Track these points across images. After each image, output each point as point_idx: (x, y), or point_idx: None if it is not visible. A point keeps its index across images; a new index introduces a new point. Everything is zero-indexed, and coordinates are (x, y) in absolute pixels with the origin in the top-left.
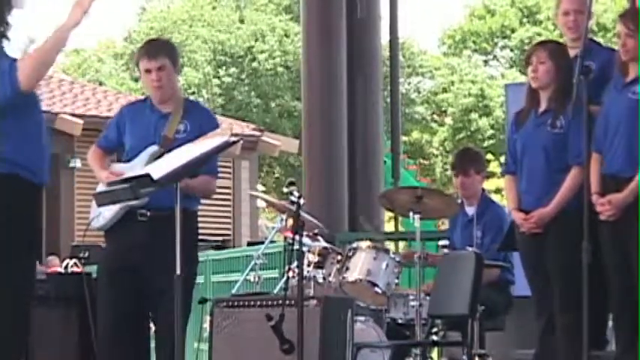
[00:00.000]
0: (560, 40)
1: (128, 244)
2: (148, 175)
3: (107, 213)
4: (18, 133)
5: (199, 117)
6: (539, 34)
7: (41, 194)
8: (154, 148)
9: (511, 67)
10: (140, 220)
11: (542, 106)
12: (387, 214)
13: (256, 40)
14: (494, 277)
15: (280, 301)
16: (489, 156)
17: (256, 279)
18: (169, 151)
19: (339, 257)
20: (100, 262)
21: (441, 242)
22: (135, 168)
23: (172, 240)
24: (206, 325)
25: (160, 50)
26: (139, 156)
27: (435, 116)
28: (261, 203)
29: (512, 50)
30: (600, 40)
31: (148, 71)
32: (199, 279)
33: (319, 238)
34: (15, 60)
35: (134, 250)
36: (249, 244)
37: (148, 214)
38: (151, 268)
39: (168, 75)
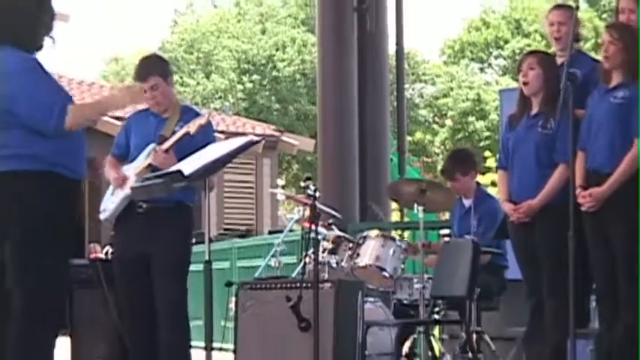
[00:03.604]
0: (549, 51)
1: (131, 233)
2: (179, 171)
3: (111, 205)
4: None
5: (192, 119)
6: (529, 45)
7: (79, 188)
8: (152, 146)
9: (504, 74)
10: (139, 212)
11: (534, 110)
12: (395, 206)
13: (277, 50)
14: (485, 260)
15: (298, 284)
16: (487, 153)
17: (277, 264)
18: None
19: (351, 245)
20: (114, 250)
21: (442, 231)
22: (136, 165)
23: (167, 230)
24: (232, 305)
25: (149, 72)
26: (141, 154)
27: (436, 119)
28: (280, 196)
29: (505, 59)
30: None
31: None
32: (226, 264)
33: (333, 227)
34: (70, 99)
35: (136, 239)
36: (271, 232)
37: (144, 206)
38: (150, 255)
39: (162, 91)
